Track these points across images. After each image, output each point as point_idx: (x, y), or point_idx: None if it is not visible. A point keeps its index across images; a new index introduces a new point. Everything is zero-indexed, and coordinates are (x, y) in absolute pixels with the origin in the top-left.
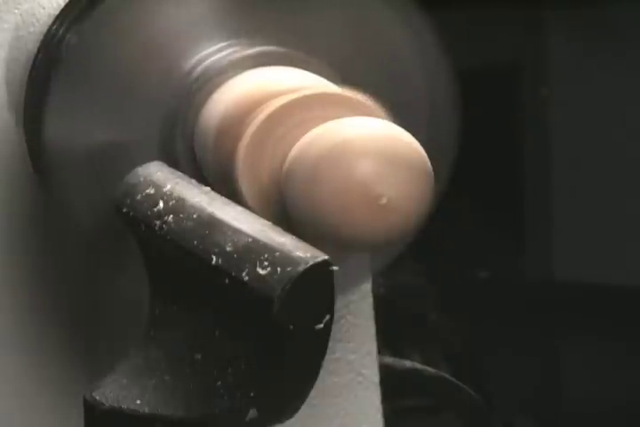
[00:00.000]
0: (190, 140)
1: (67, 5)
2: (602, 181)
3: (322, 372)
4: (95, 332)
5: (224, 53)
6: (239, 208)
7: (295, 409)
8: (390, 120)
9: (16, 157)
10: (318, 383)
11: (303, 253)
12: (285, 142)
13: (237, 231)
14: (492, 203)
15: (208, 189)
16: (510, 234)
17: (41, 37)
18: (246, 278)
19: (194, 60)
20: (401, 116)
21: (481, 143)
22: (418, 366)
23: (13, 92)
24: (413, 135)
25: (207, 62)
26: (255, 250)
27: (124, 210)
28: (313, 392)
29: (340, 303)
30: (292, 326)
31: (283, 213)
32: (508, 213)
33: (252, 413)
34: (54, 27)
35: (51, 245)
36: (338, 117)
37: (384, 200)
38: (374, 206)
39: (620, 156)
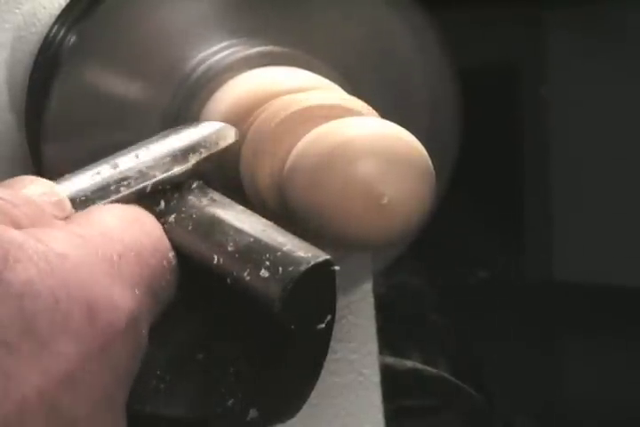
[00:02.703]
0: None
1: (68, 6)
2: (602, 180)
3: (323, 372)
4: None
5: (225, 53)
6: (240, 208)
7: (296, 409)
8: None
9: (17, 157)
10: (319, 384)
11: (305, 252)
12: (287, 142)
13: (239, 231)
14: (492, 203)
15: (210, 188)
16: (510, 234)
17: (42, 38)
18: (248, 278)
19: (195, 60)
20: (402, 115)
21: (480, 143)
22: (418, 366)
23: (15, 93)
24: (415, 134)
25: (208, 62)
26: (257, 250)
27: None
28: (314, 392)
29: (341, 303)
30: (293, 326)
31: (284, 213)
32: (508, 213)
33: (253, 413)
34: (55, 27)
35: None
36: (339, 117)
37: (385, 200)
38: (375, 206)
39: (621, 156)
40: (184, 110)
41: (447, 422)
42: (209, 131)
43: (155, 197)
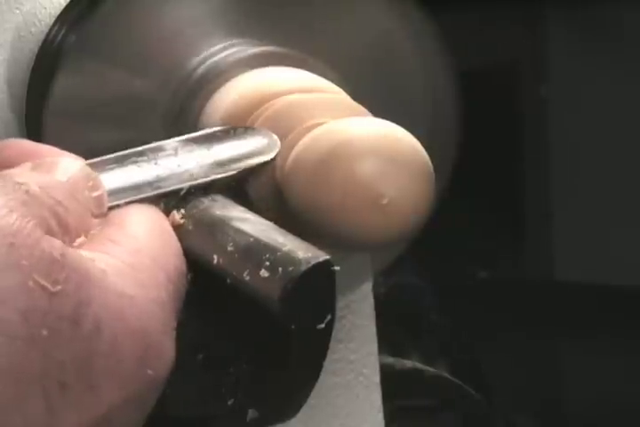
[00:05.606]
0: None
1: (68, 6)
2: (602, 180)
3: (323, 372)
4: None
5: (226, 53)
6: (241, 208)
7: (296, 409)
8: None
9: None
10: (319, 384)
11: (304, 253)
12: (287, 143)
13: (239, 231)
14: (492, 203)
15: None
16: (510, 234)
17: (42, 37)
18: (248, 278)
19: (196, 60)
20: (402, 115)
21: (480, 143)
22: (419, 366)
23: (15, 93)
24: (414, 135)
25: (209, 62)
26: (257, 250)
27: None
28: (314, 392)
29: (341, 303)
30: (293, 326)
31: (285, 214)
32: (508, 212)
33: (253, 413)
34: (56, 27)
35: None
36: (339, 117)
37: (385, 200)
38: (375, 206)
39: (620, 155)
40: (185, 109)
41: (447, 422)
42: (254, 143)
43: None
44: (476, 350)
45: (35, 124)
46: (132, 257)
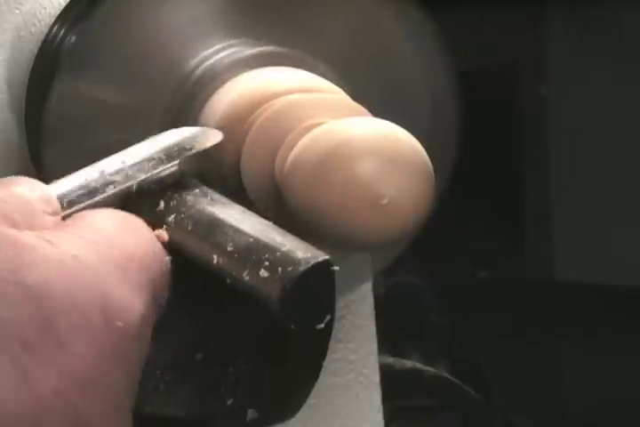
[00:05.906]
0: None
1: (67, 6)
2: (602, 180)
3: (322, 372)
4: None
5: (225, 53)
6: (240, 208)
7: (296, 409)
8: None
9: (16, 157)
10: (319, 383)
11: (304, 253)
12: (287, 143)
13: (238, 231)
14: (492, 202)
15: (209, 189)
16: (510, 234)
17: (42, 38)
18: (247, 278)
19: (195, 61)
20: (401, 115)
21: (481, 143)
22: (418, 366)
23: (15, 93)
24: (414, 135)
25: (208, 62)
26: (256, 250)
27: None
28: (313, 392)
29: (340, 303)
30: (293, 326)
31: (284, 214)
32: (508, 212)
33: (252, 413)
34: (55, 27)
35: None
36: (339, 117)
37: (385, 200)
38: (375, 206)
39: (620, 155)
40: (184, 110)
41: (447, 422)
42: (192, 132)
43: (154, 197)
44: (476, 350)
45: (34, 124)
46: (77, 229)
